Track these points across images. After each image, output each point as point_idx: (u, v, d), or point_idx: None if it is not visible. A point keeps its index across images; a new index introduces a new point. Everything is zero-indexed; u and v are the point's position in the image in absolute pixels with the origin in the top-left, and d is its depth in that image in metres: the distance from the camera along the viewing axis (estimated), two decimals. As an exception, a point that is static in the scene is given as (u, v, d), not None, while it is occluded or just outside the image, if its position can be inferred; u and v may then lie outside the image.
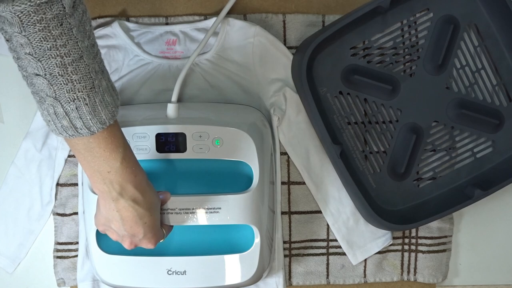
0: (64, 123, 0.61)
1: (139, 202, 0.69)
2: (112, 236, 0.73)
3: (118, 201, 0.68)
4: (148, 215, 0.70)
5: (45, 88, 0.59)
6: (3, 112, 0.95)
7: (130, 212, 0.69)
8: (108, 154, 0.64)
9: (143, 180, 0.70)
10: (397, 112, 0.94)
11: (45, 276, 0.96)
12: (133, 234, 0.71)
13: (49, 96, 0.59)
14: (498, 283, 1.02)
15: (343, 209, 0.95)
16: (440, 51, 0.92)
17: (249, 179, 0.83)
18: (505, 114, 0.95)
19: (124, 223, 0.69)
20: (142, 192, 0.69)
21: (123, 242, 0.73)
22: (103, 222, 0.72)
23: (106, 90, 0.62)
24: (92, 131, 0.61)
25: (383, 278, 0.98)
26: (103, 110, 0.61)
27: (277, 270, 0.93)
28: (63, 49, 0.57)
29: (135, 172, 0.68)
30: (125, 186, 0.67)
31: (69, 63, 0.58)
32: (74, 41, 0.58)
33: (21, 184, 0.94)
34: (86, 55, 0.59)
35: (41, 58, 0.57)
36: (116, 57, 0.91)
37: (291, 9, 0.94)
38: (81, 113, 0.60)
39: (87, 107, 0.60)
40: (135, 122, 0.83)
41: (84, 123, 0.61)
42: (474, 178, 0.95)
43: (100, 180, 0.66)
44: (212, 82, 0.92)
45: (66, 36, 0.57)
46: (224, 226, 0.83)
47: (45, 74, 0.58)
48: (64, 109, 0.60)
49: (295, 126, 0.93)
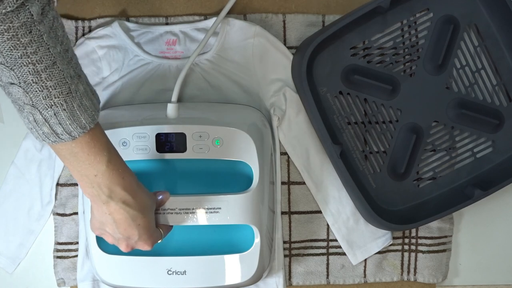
0: (45, 130, 0.60)
1: (130, 204, 0.68)
2: (108, 239, 0.73)
3: (109, 204, 0.67)
4: (141, 216, 0.70)
5: (21, 96, 0.59)
6: (3, 112, 0.95)
7: (122, 215, 0.68)
8: (93, 158, 0.64)
9: (132, 181, 0.69)
10: (397, 112, 0.94)
11: (45, 276, 0.96)
12: (128, 236, 0.71)
13: (26, 104, 0.59)
14: (498, 283, 1.02)
15: (343, 209, 0.95)
16: (440, 51, 0.92)
17: (249, 179, 0.83)
18: (505, 114, 0.95)
19: (118, 225, 0.69)
20: (132, 194, 0.69)
21: (119, 245, 0.73)
22: (97, 226, 0.72)
23: (84, 95, 0.62)
24: (73, 136, 0.61)
25: (383, 278, 0.98)
26: (82, 114, 0.61)
27: (277, 270, 0.93)
28: (34, 57, 0.57)
29: (123, 174, 0.67)
30: (114, 189, 0.67)
31: (42, 69, 0.57)
32: (46, 47, 0.57)
33: (21, 184, 0.94)
34: (60, 61, 0.59)
35: (13, 67, 0.57)
36: (116, 57, 0.91)
37: (291, 9, 0.94)
38: (60, 119, 0.60)
39: (66, 113, 0.60)
40: (135, 122, 0.83)
41: (64, 129, 0.60)
42: (474, 178, 0.95)
43: (89, 184, 0.66)
44: (212, 82, 0.92)
45: (37, 43, 0.56)
46: (224, 226, 0.83)
47: (19, 83, 0.58)
48: (43, 116, 0.59)
49: (295, 126, 0.93)
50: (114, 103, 0.91)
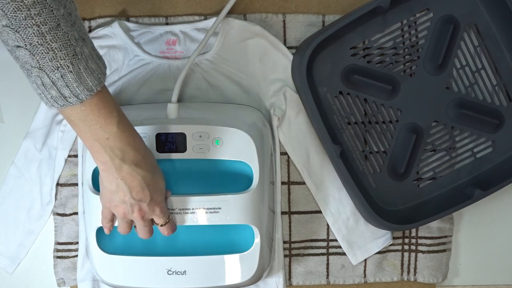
0: (53, 93, 0.61)
1: (141, 165, 0.70)
2: (119, 211, 0.73)
3: (121, 169, 0.68)
4: (151, 177, 0.72)
5: (28, 59, 0.59)
6: (3, 112, 0.95)
7: (135, 177, 0.70)
8: (103, 120, 0.65)
9: (142, 142, 0.71)
10: (397, 112, 0.94)
11: (45, 276, 0.96)
12: (140, 199, 0.72)
13: (33, 67, 0.60)
14: (498, 283, 1.02)
15: (343, 209, 0.95)
16: (440, 51, 0.92)
17: (249, 179, 0.83)
18: (505, 114, 0.95)
19: (131, 189, 0.70)
20: (143, 155, 0.70)
21: (133, 212, 0.73)
22: (108, 197, 0.73)
23: (90, 57, 0.62)
24: (80, 98, 0.62)
25: (383, 278, 0.98)
26: (88, 77, 0.62)
27: (277, 270, 0.93)
28: (38, 18, 0.57)
29: (133, 135, 0.69)
30: (126, 150, 0.68)
31: (47, 31, 0.58)
32: (49, 9, 0.58)
33: (21, 184, 0.94)
34: (63, 23, 0.59)
35: (18, 29, 0.57)
36: (116, 57, 0.91)
37: (291, 9, 0.94)
38: (67, 81, 0.61)
39: (72, 75, 0.61)
40: (135, 122, 0.82)
41: (72, 91, 0.61)
42: (474, 178, 0.95)
43: (101, 149, 0.67)
44: (212, 82, 0.92)
45: (40, 5, 0.57)
46: (224, 226, 0.83)
47: (25, 45, 0.58)
48: (50, 79, 0.60)
49: (295, 126, 0.93)
50: (114, 103, 0.91)
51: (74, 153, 0.93)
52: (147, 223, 0.76)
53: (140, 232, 0.77)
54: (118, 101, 0.91)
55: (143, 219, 0.75)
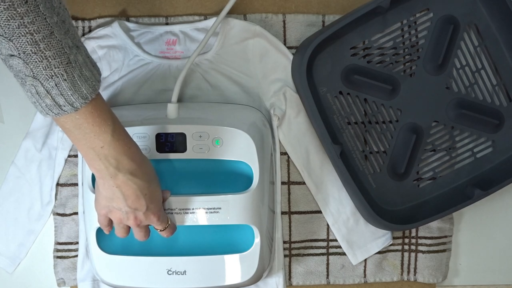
0: (48, 102, 0.61)
1: (137, 175, 0.69)
2: (116, 217, 0.73)
3: (116, 177, 0.68)
4: (147, 186, 0.71)
5: (22, 68, 0.59)
6: (3, 112, 0.95)
7: (130, 186, 0.69)
8: (98, 128, 0.64)
9: (137, 151, 0.70)
10: (397, 112, 0.94)
11: (45, 276, 0.96)
12: (136, 208, 0.71)
13: (27, 76, 0.60)
14: (498, 283, 1.02)
15: (343, 209, 0.95)
16: (440, 51, 0.92)
17: (249, 179, 0.83)
18: (505, 114, 0.95)
19: (126, 198, 0.70)
20: (138, 164, 0.69)
21: (128, 220, 0.73)
22: (104, 204, 0.72)
23: (84, 65, 0.62)
24: (75, 107, 0.62)
25: (383, 278, 0.98)
26: (83, 84, 0.62)
27: (277, 270, 0.93)
28: (31, 26, 0.57)
29: (128, 144, 0.68)
30: (121, 159, 0.67)
31: (40, 39, 0.58)
32: (42, 17, 0.58)
33: (21, 184, 0.94)
34: (57, 31, 0.59)
35: (11, 38, 0.57)
36: (116, 57, 0.91)
37: (291, 9, 0.94)
38: (61, 90, 0.60)
39: (66, 83, 0.60)
40: (135, 122, 0.83)
41: (66, 100, 0.61)
42: (474, 178, 0.95)
43: (95, 157, 0.66)
44: (212, 82, 0.92)
45: (33, 13, 0.57)
46: (224, 226, 0.83)
47: (19, 54, 0.58)
48: (45, 87, 0.60)
49: (295, 126, 0.93)
50: (114, 103, 0.91)
51: (74, 153, 0.93)
52: (143, 229, 0.76)
53: (136, 235, 0.76)
54: (118, 101, 0.91)
55: (139, 226, 0.74)
